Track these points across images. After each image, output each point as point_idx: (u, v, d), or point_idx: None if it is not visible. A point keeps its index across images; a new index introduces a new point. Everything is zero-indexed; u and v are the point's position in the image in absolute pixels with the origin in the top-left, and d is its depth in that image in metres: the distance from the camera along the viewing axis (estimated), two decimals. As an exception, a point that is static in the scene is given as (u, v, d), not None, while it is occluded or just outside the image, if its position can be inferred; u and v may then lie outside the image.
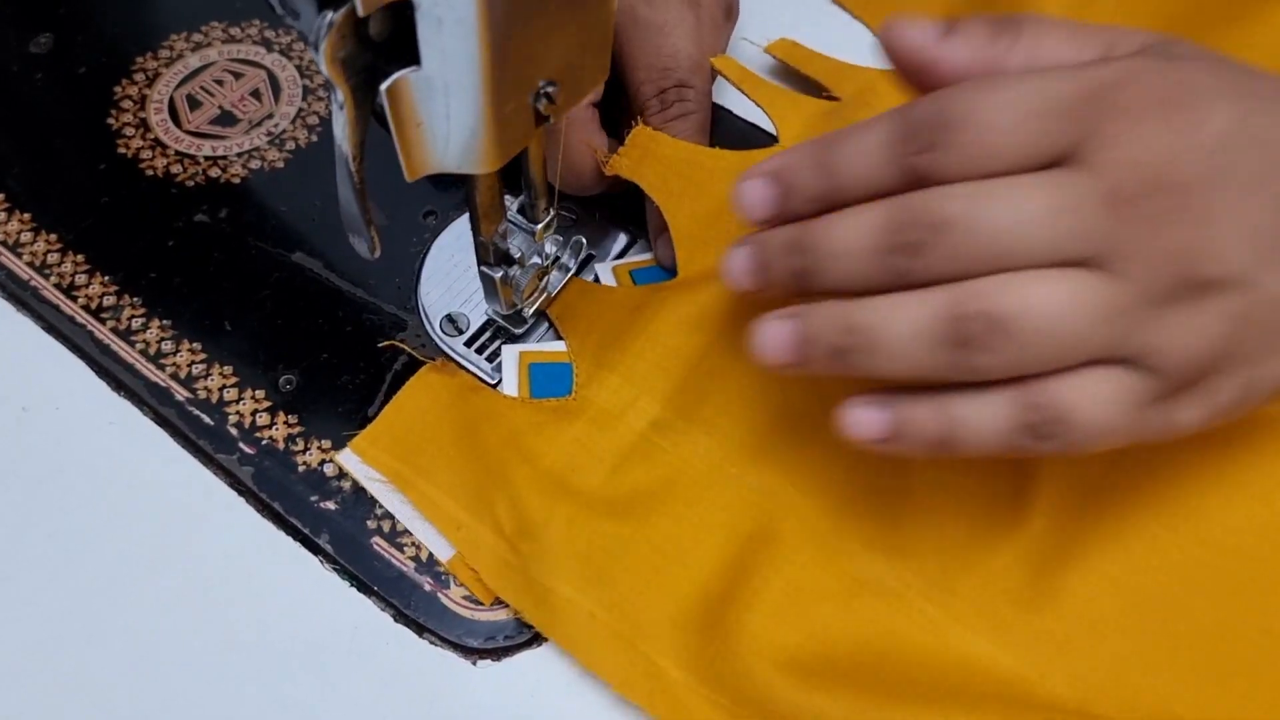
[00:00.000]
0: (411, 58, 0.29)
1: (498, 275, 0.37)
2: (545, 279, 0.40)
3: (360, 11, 0.27)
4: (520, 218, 0.38)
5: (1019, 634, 0.34)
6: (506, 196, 0.37)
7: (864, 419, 0.31)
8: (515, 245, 0.38)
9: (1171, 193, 0.28)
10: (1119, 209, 0.28)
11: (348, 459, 0.37)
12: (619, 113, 0.42)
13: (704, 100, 0.41)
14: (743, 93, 0.45)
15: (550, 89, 0.31)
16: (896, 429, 0.31)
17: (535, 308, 0.40)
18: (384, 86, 0.28)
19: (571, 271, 0.41)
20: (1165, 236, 0.28)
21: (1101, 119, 0.28)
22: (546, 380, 0.39)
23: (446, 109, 0.29)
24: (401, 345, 0.40)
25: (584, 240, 0.41)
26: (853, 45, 0.49)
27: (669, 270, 0.42)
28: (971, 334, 0.28)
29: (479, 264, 0.38)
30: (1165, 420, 0.30)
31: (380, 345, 0.40)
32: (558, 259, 0.40)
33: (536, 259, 0.39)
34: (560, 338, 0.40)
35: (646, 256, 0.43)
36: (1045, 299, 0.28)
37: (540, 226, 0.38)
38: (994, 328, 0.28)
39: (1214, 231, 0.28)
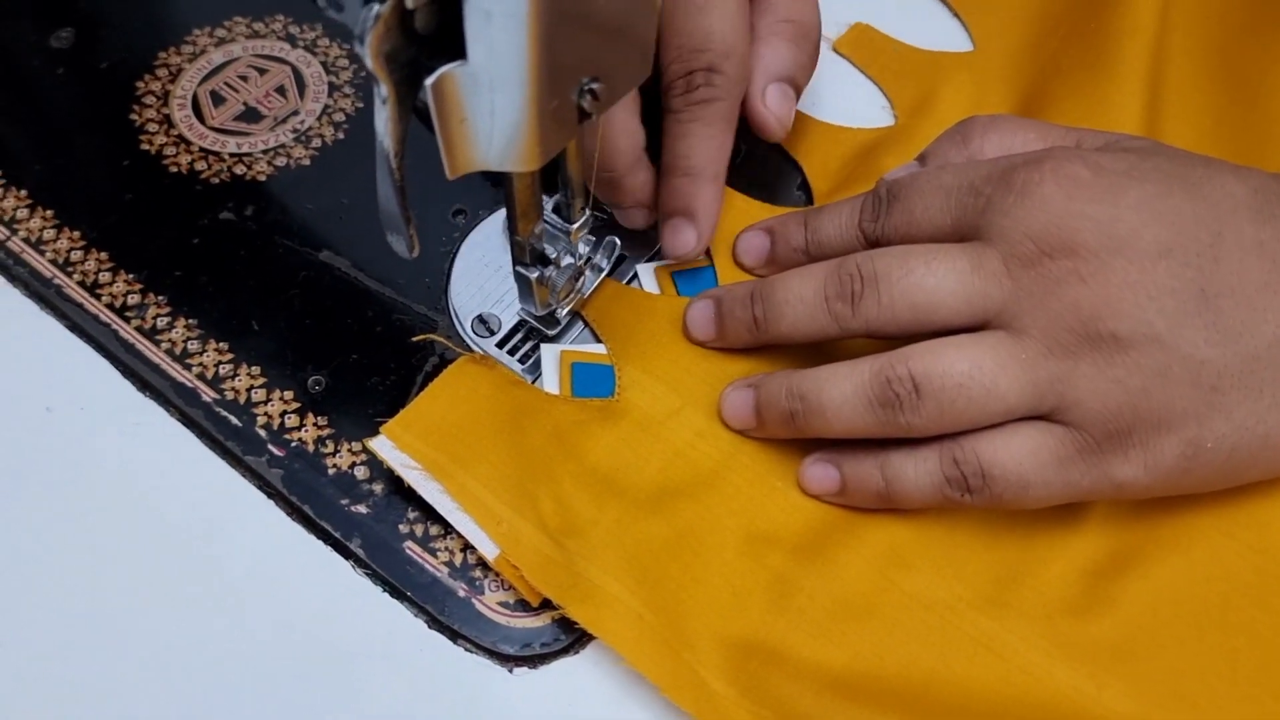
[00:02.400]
0: (456, 52, 0.28)
1: (534, 276, 0.37)
2: (581, 279, 0.39)
3: (409, 4, 0.26)
4: (555, 217, 0.38)
5: (1074, 645, 0.34)
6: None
7: (818, 475, 0.36)
8: (550, 245, 0.37)
9: (1065, 256, 0.32)
10: (1015, 270, 0.32)
11: (381, 445, 0.36)
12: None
13: (733, 88, 0.39)
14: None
15: (594, 85, 0.31)
16: (844, 484, 0.36)
17: (569, 308, 0.39)
18: (429, 81, 0.28)
19: (605, 272, 0.41)
20: (1060, 295, 0.32)
21: (999, 193, 0.33)
22: (589, 380, 0.38)
23: (491, 105, 0.29)
24: (436, 338, 0.40)
25: (617, 240, 0.41)
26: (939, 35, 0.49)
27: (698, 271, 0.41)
28: (896, 394, 0.33)
29: (514, 264, 0.37)
30: (1102, 476, 0.33)
31: (414, 339, 0.40)
32: (590, 259, 0.40)
33: (569, 259, 0.38)
34: (598, 339, 0.40)
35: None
36: (956, 358, 0.33)
37: (575, 226, 0.37)
38: (914, 388, 0.33)
39: (1113, 292, 0.32)
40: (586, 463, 0.36)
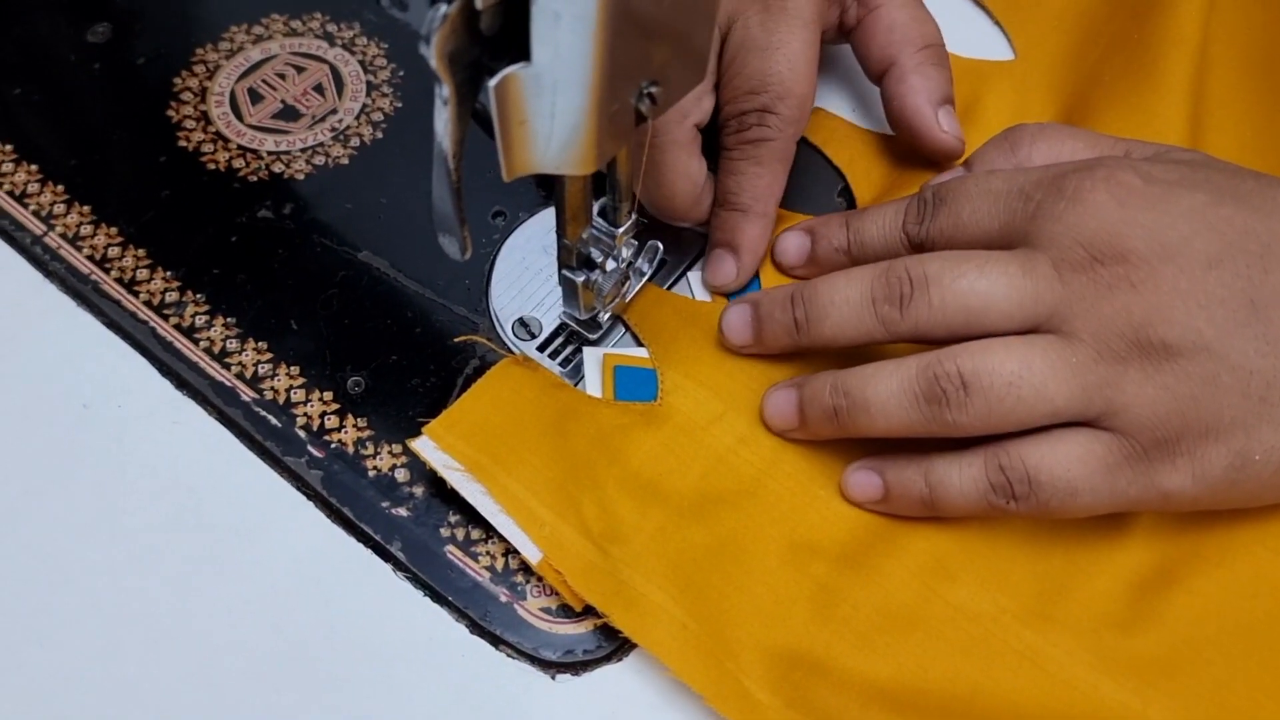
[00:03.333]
0: (520, 53, 0.28)
1: (580, 280, 0.37)
2: (625, 284, 0.39)
3: (478, 4, 0.26)
4: (601, 220, 0.37)
5: (1120, 659, 0.33)
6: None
7: (861, 482, 0.36)
8: (596, 249, 0.37)
9: (1116, 263, 0.32)
10: (1066, 275, 0.32)
11: (423, 445, 0.36)
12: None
13: (788, 128, 0.39)
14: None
15: (653, 89, 0.31)
16: (888, 491, 0.35)
17: (610, 312, 0.39)
18: (492, 83, 0.28)
19: (647, 276, 0.40)
20: (1111, 301, 0.32)
21: (1050, 199, 0.33)
22: (631, 384, 0.38)
23: (552, 107, 0.29)
24: (479, 339, 0.39)
25: (660, 245, 0.40)
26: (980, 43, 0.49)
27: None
28: (944, 390, 0.33)
29: (560, 267, 0.37)
30: (1149, 484, 0.32)
31: (457, 340, 0.39)
32: (633, 263, 0.39)
33: (613, 263, 0.38)
34: (640, 343, 0.39)
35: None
36: (1006, 357, 0.32)
37: (621, 230, 0.37)
38: (963, 384, 0.33)
39: (1163, 299, 0.32)
40: (629, 468, 0.36)
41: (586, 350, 0.39)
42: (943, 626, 0.34)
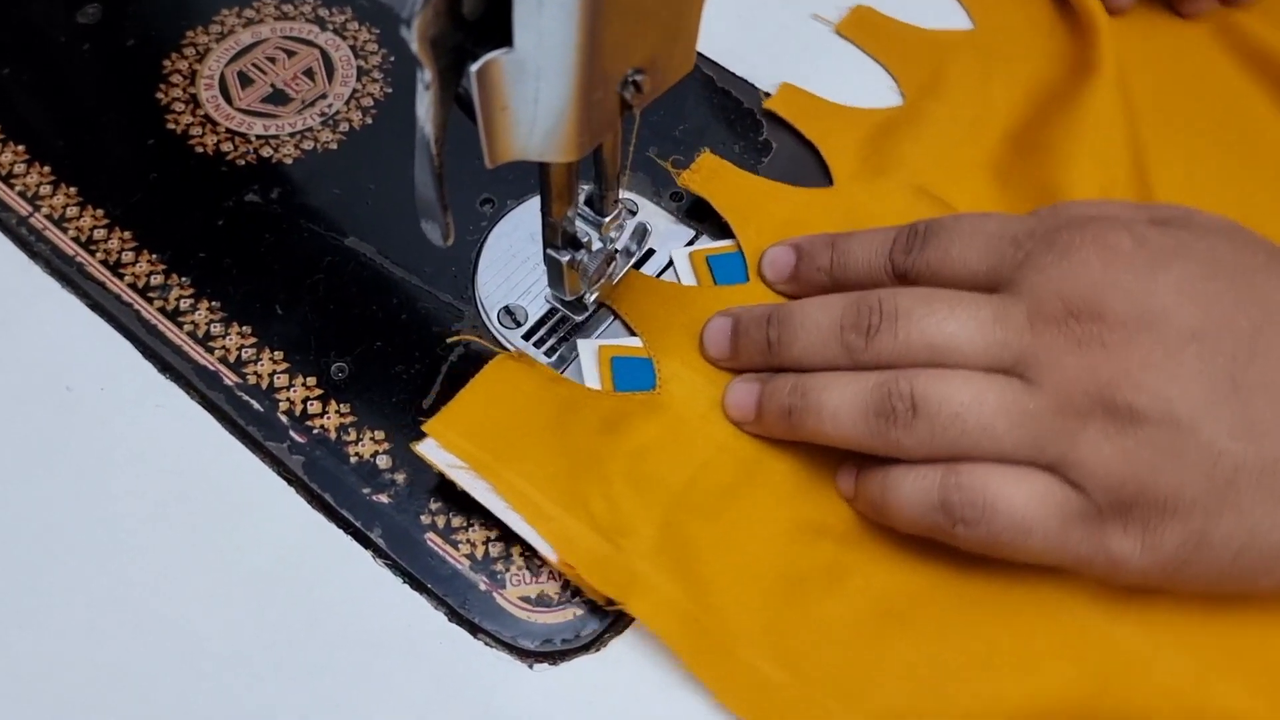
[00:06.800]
0: (502, 39, 0.27)
1: (565, 259, 0.36)
2: (611, 265, 0.39)
3: (460, -12, 0.26)
4: (588, 209, 0.37)
5: (1133, 614, 0.34)
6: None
7: (841, 476, 0.36)
8: (583, 229, 0.37)
9: (1092, 320, 0.31)
10: (1038, 326, 0.32)
11: (427, 447, 0.36)
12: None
13: None
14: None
15: (638, 77, 0.30)
16: (856, 489, 0.36)
17: (596, 293, 0.39)
18: (474, 68, 0.27)
19: (635, 258, 0.40)
20: (1080, 356, 0.31)
21: (1039, 250, 0.33)
22: (629, 374, 0.38)
23: (535, 93, 0.28)
24: (473, 338, 0.39)
25: (648, 225, 0.40)
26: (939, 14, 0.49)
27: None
28: (894, 408, 0.33)
29: (545, 247, 0.37)
30: (1099, 545, 0.32)
31: (450, 340, 0.39)
32: (619, 246, 0.39)
33: (598, 242, 0.38)
34: (631, 331, 0.39)
35: (722, 243, 0.42)
36: (961, 387, 0.32)
37: (607, 219, 0.37)
38: (912, 405, 0.32)
39: (1134, 365, 0.31)
40: (633, 459, 0.36)
41: (581, 343, 0.39)
42: (958, 599, 0.34)
